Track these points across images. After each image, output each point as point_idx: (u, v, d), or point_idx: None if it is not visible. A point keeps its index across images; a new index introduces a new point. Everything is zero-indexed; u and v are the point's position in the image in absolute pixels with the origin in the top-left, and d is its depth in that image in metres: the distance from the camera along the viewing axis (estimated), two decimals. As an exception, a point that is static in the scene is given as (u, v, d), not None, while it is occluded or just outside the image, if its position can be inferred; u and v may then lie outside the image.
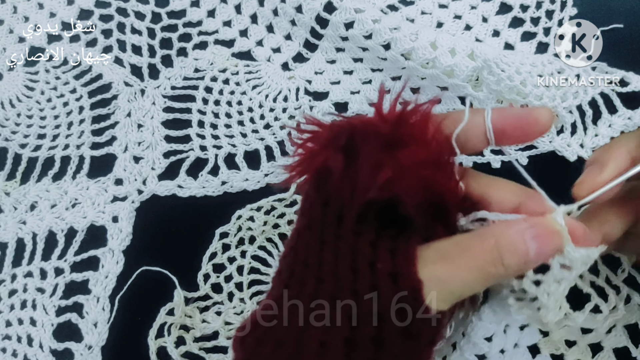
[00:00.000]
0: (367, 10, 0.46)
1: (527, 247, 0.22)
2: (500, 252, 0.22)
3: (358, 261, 0.23)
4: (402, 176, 0.22)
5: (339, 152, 0.24)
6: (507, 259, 0.22)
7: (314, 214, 0.25)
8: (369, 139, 0.23)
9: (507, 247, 0.22)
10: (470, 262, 0.23)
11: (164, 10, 0.54)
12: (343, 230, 0.24)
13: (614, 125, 0.44)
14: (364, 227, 0.24)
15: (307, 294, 0.23)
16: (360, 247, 0.23)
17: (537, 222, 0.23)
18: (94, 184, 0.48)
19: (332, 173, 0.24)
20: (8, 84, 0.53)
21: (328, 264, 0.23)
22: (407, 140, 0.23)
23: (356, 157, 0.23)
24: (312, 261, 0.24)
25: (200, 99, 0.51)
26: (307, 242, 0.25)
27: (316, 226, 0.25)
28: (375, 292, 0.22)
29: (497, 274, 0.23)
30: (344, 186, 0.23)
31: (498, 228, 0.23)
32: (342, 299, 0.23)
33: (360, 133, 0.24)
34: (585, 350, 0.36)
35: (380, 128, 0.23)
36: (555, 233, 0.23)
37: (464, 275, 0.23)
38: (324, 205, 0.24)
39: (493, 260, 0.22)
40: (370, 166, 0.23)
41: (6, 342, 0.43)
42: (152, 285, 0.43)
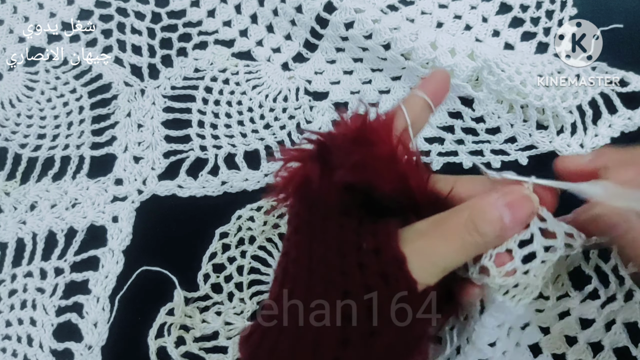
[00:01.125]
0: (367, 10, 0.46)
1: (501, 214, 0.24)
2: (474, 222, 0.24)
3: (345, 246, 0.25)
4: (372, 161, 0.25)
5: (314, 161, 0.26)
6: (482, 227, 0.24)
7: (300, 219, 0.27)
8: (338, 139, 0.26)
9: (481, 216, 0.24)
10: (448, 234, 0.24)
11: (164, 10, 0.54)
12: (327, 222, 0.26)
13: (614, 125, 0.44)
14: (348, 219, 0.25)
15: (300, 285, 0.25)
16: (345, 234, 0.25)
17: (508, 191, 0.25)
18: (94, 184, 0.48)
19: (311, 180, 0.26)
20: (8, 84, 0.53)
21: (317, 255, 0.25)
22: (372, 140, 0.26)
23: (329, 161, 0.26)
24: (302, 257, 0.26)
25: (200, 99, 0.51)
26: (296, 244, 0.27)
27: (303, 228, 0.27)
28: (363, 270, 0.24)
29: (475, 242, 0.24)
30: (324, 185, 0.26)
31: (472, 201, 0.25)
32: (333, 283, 0.24)
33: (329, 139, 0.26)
34: (586, 349, 0.36)
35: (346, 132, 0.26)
36: (526, 198, 0.24)
37: (443, 246, 0.24)
38: (308, 208, 0.26)
39: (469, 230, 0.24)
40: (342, 154, 0.25)
41: (6, 342, 0.43)
42: (152, 285, 0.43)
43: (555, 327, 0.36)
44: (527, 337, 0.36)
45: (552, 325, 0.37)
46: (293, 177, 0.27)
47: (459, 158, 0.46)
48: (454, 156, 0.46)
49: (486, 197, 0.24)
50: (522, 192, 0.25)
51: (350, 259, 0.24)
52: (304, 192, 0.27)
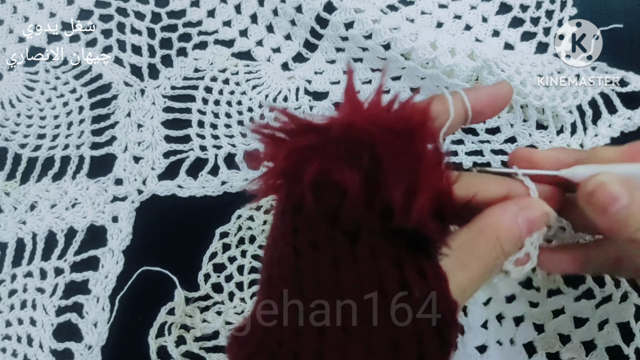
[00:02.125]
0: (367, 10, 0.46)
1: (520, 231, 0.23)
2: (502, 244, 0.23)
3: (384, 282, 0.21)
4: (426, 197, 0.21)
5: (355, 172, 0.21)
6: (507, 247, 0.23)
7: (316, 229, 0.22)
8: (395, 152, 0.21)
9: (507, 237, 0.23)
10: (481, 264, 0.23)
11: (164, 10, 0.54)
12: (359, 251, 0.21)
13: (614, 125, 0.44)
14: (383, 245, 0.22)
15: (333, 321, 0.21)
16: (381, 265, 0.21)
17: (527, 204, 0.24)
18: (94, 184, 0.48)
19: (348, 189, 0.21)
20: (8, 84, 0.53)
21: (350, 289, 0.21)
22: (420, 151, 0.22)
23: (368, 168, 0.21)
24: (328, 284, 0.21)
25: (200, 99, 0.51)
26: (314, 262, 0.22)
27: (322, 243, 0.22)
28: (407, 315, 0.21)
29: (499, 265, 0.24)
30: (360, 204, 0.21)
31: (494, 219, 0.24)
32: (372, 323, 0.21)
33: (380, 143, 0.21)
34: (579, 348, 0.36)
35: (401, 137, 0.21)
36: (545, 215, 0.24)
37: (478, 278, 0.23)
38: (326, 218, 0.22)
39: (497, 255, 0.23)
40: (402, 188, 0.21)
41: (6, 342, 0.43)
42: (152, 285, 0.43)
43: (550, 325, 0.37)
44: (522, 335, 0.36)
45: (546, 323, 0.37)
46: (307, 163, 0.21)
47: (459, 158, 0.46)
48: (454, 156, 0.46)
49: (506, 212, 0.24)
50: (542, 207, 0.24)
51: (396, 302, 0.21)
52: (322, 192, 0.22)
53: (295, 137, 0.22)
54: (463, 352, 0.33)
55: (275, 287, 0.23)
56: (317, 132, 0.22)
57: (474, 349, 0.33)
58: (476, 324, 0.32)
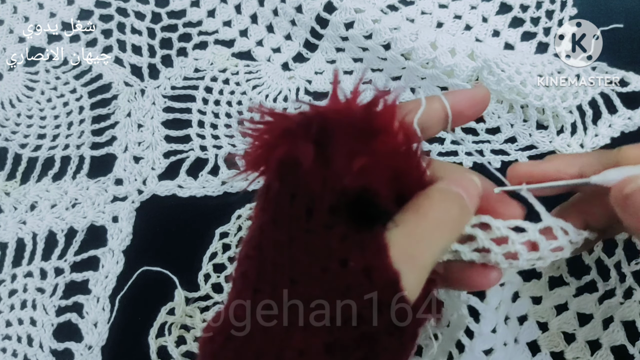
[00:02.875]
0: (367, 10, 0.46)
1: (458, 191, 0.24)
2: (444, 194, 0.24)
3: (330, 259, 0.22)
4: (375, 165, 0.22)
5: (309, 142, 0.22)
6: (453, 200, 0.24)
7: (279, 208, 0.23)
8: (343, 127, 0.22)
9: (445, 192, 0.24)
10: (430, 222, 0.23)
11: (164, 10, 0.54)
12: (314, 223, 0.22)
13: (614, 125, 0.44)
14: (335, 220, 0.22)
15: (280, 297, 0.22)
16: (330, 241, 0.22)
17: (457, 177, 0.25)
18: (94, 184, 0.48)
19: (299, 164, 0.22)
20: (8, 84, 0.53)
21: (300, 264, 0.22)
22: (376, 129, 0.23)
23: (323, 148, 0.22)
24: (281, 261, 0.22)
25: (200, 99, 0.51)
26: (273, 239, 0.23)
27: (282, 220, 0.23)
28: (350, 291, 0.21)
29: (451, 218, 0.24)
30: (313, 176, 0.22)
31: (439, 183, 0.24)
32: (318, 304, 0.21)
33: (333, 121, 0.22)
34: (584, 347, 0.36)
35: (352, 117, 0.23)
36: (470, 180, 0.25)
37: (430, 240, 0.23)
38: (290, 196, 0.23)
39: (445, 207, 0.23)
40: (344, 154, 0.22)
41: (6, 342, 0.43)
42: (152, 285, 0.43)
43: (553, 323, 0.37)
44: (526, 334, 0.36)
45: (550, 320, 0.37)
46: (275, 147, 0.23)
47: (459, 158, 0.46)
48: (454, 156, 0.46)
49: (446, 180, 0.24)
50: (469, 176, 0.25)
51: (336, 277, 0.21)
52: (286, 172, 0.23)
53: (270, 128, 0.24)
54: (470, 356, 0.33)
55: (238, 267, 0.24)
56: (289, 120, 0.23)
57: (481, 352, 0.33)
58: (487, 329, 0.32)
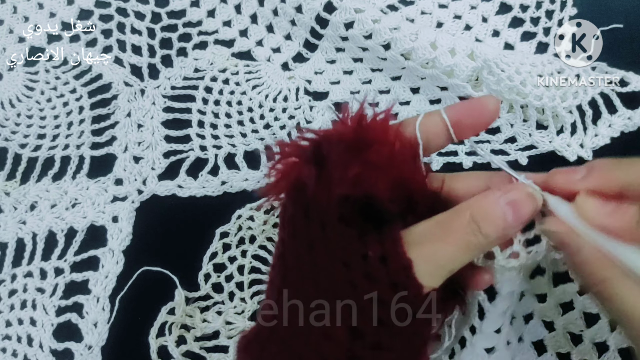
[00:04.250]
0: (367, 10, 0.46)
1: (504, 213, 0.24)
2: (477, 222, 0.23)
3: (348, 255, 0.24)
4: (370, 172, 0.24)
5: (309, 163, 0.25)
6: (485, 228, 0.23)
7: (296, 224, 0.26)
8: (334, 145, 0.24)
9: (483, 216, 0.23)
10: (451, 237, 0.24)
11: (164, 10, 0.54)
12: (327, 232, 0.24)
13: (614, 125, 0.44)
14: (348, 226, 0.24)
15: (305, 296, 0.24)
16: (348, 242, 0.24)
17: (510, 188, 0.24)
18: (94, 184, 0.48)
19: (306, 184, 0.24)
20: (8, 84, 0.53)
21: (321, 265, 0.24)
22: (369, 142, 0.24)
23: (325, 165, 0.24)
24: (305, 267, 0.25)
25: (200, 99, 0.51)
26: (294, 249, 0.26)
27: (300, 233, 0.25)
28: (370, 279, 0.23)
29: (479, 243, 0.24)
30: (320, 192, 0.24)
31: (472, 200, 0.24)
32: (340, 294, 0.24)
33: (326, 142, 0.25)
34: (591, 349, 0.36)
35: (343, 134, 0.25)
36: (529, 196, 0.24)
37: (448, 249, 0.24)
38: (304, 214, 0.25)
39: (472, 230, 0.23)
40: (339, 165, 0.24)
41: (6, 342, 0.43)
42: (152, 285, 0.43)
43: (559, 322, 0.36)
44: (531, 333, 0.36)
45: (555, 319, 0.36)
46: (286, 175, 0.26)
47: (458, 158, 0.46)
48: (454, 156, 0.46)
49: (487, 196, 0.24)
50: (525, 190, 0.24)
51: (357, 269, 0.24)
52: (298, 194, 0.26)
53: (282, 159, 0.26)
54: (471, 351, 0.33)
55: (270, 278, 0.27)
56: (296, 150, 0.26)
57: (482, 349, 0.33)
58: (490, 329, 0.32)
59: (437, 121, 0.26)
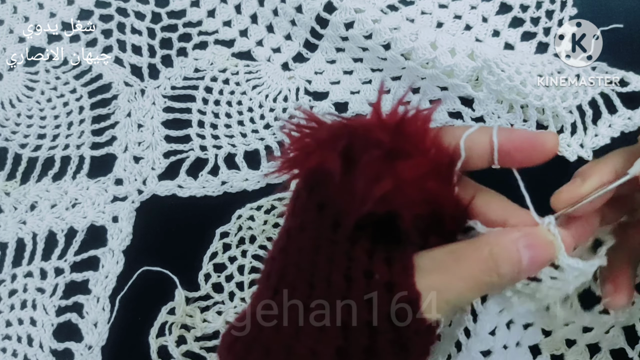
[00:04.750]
0: (367, 10, 0.46)
1: (520, 256, 0.22)
2: (495, 261, 0.22)
3: (353, 269, 0.22)
4: (401, 189, 0.21)
5: (337, 156, 0.22)
6: (502, 268, 0.22)
7: (307, 216, 0.24)
8: (368, 147, 0.22)
9: (502, 256, 0.22)
10: (465, 272, 0.22)
11: (164, 10, 0.54)
12: (339, 236, 0.23)
13: (614, 125, 0.44)
14: (361, 235, 0.23)
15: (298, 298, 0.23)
16: (356, 255, 0.23)
17: (531, 231, 0.23)
18: (94, 184, 0.48)
19: (329, 175, 0.22)
20: (8, 84, 0.53)
21: (321, 270, 0.23)
22: (406, 149, 0.22)
23: (354, 163, 0.22)
24: (304, 265, 0.23)
25: (200, 99, 0.51)
26: (299, 245, 0.24)
27: (309, 228, 0.24)
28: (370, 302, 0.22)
29: (491, 283, 0.23)
30: (342, 192, 0.22)
31: (492, 237, 0.23)
32: (334, 308, 0.22)
33: (360, 139, 0.23)
34: (584, 350, 0.36)
35: (380, 135, 0.22)
36: (548, 243, 0.23)
37: (459, 285, 0.22)
38: (319, 207, 0.23)
39: (488, 270, 0.22)
40: (369, 177, 0.22)
41: (6, 342, 0.43)
42: (152, 285, 0.43)
43: (558, 333, 0.36)
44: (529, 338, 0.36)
45: (555, 330, 0.36)
46: (307, 157, 0.23)
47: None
48: (454, 156, 0.46)
49: (508, 234, 0.23)
50: (546, 236, 0.23)
51: (358, 289, 0.22)
52: (316, 183, 0.23)
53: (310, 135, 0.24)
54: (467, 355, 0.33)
55: (264, 268, 0.25)
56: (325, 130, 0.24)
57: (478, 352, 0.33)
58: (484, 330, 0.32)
59: (484, 140, 0.24)
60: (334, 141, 0.23)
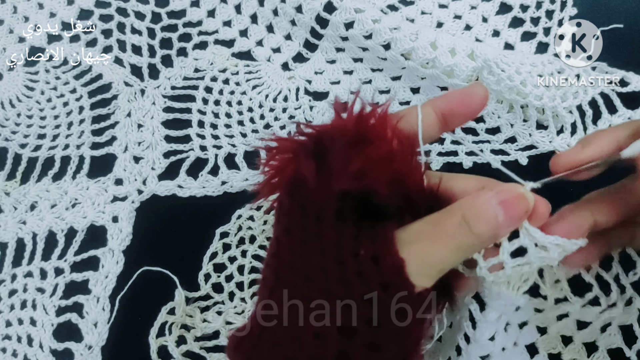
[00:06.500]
0: (367, 10, 0.46)
1: (495, 213, 0.23)
2: (468, 222, 0.23)
3: (342, 253, 0.24)
4: (371, 167, 0.23)
5: (309, 158, 0.24)
6: (476, 228, 0.23)
7: (292, 219, 0.26)
8: (336, 140, 0.24)
9: (474, 216, 0.23)
10: (444, 236, 0.24)
11: (164, 10, 0.54)
12: (323, 228, 0.24)
13: (614, 125, 0.44)
14: (344, 223, 0.24)
15: (297, 294, 0.24)
16: (342, 240, 0.24)
17: (502, 189, 0.24)
18: (94, 184, 0.48)
19: (305, 179, 0.24)
20: (8, 84, 0.53)
21: (314, 262, 0.24)
22: (370, 138, 0.24)
23: (326, 160, 0.24)
24: (297, 263, 0.25)
25: (200, 99, 0.51)
26: (289, 246, 0.25)
27: (296, 229, 0.25)
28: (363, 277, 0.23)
29: (470, 243, 0.24)
30: (319, 188, 0.24)
31: (464, 200, 0.24)
32: (333, 292, 0.24)
33: (327, 137, 0.25)
34: (580, 349, 0.36)
35: (344, 129, 0.24)
36: (520, 196, 0.24)
37: (440, 249, 0.24)
38: (301, 209, 0.25)
39: (463, 231, 0.23)
40: (340, 160, 0.23)
41: (6, 342, 0.43)
42: (152, 285, 0.43)
43: (553, 328, 0.37)
44: (525, 337, 0.36)
45: (549, 325, 0.37)
46: (283, 170, 0.25)
47: (458, 158, 0.46)
48: (454, 156, 0.46)
49: (479, 196, 0.24)
50: (516, 190, 0.24)
51: (349, 267, 0.24)
52: (295, 189, 0.25)
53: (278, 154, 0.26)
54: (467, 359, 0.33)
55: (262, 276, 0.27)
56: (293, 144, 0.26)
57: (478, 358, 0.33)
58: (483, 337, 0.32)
59: (429, 113, 0.27)
60: (304, 146, 0.25)
